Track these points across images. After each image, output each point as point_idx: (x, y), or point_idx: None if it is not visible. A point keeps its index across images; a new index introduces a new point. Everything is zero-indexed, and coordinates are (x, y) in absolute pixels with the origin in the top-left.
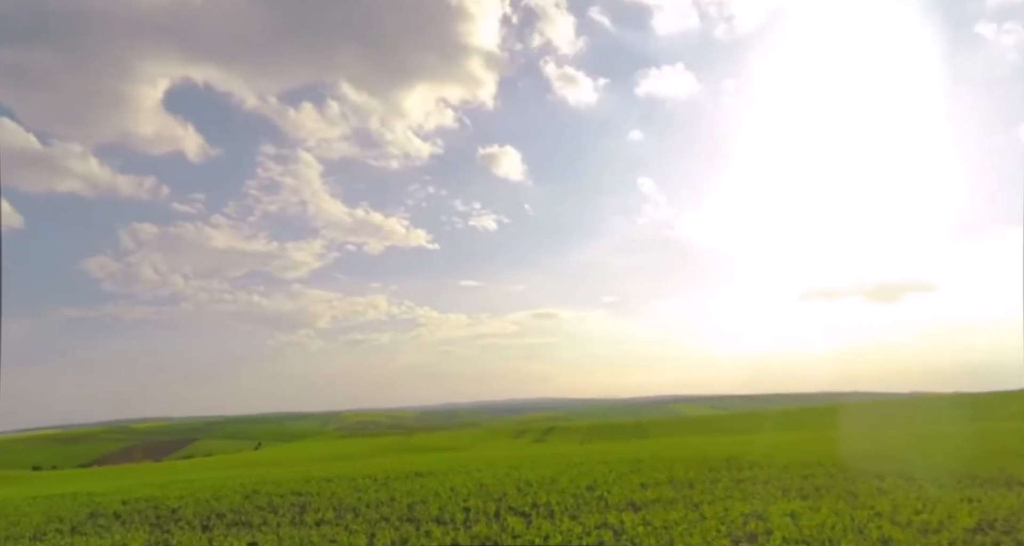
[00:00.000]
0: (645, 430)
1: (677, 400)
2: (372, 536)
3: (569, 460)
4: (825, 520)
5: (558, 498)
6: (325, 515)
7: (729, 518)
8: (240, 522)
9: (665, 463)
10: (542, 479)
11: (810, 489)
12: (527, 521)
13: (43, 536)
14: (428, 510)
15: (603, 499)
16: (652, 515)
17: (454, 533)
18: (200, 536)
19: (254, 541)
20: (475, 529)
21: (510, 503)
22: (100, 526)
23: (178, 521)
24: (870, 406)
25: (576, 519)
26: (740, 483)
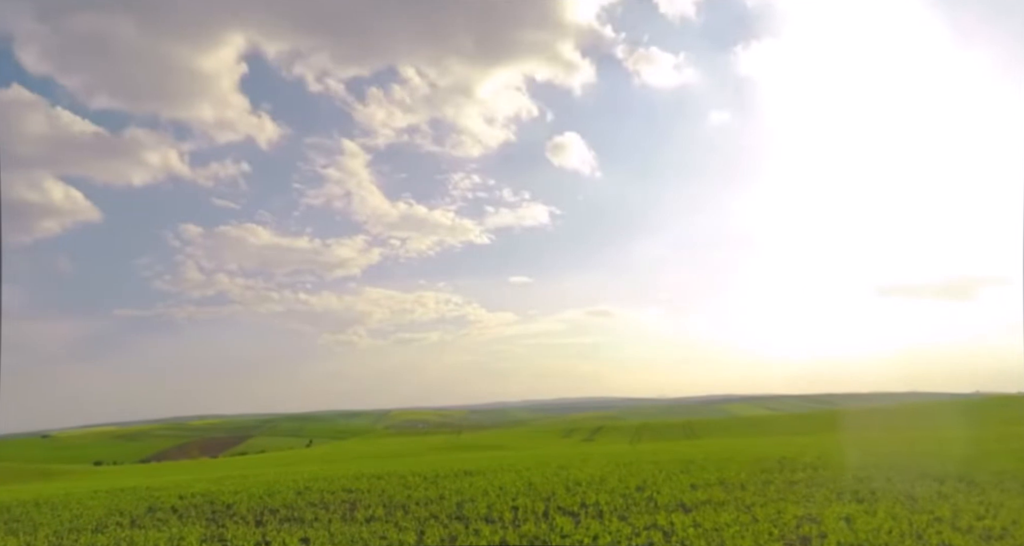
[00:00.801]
0: (696, 430)
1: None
2: (421, 533)
3: (618, 460)
4: (881, 525)
5: (607, 498)
6: (375, 512)
7: (782, 521)
8: (292, 518)
9: (716, 464)
10: (591, 479)
11: (866, 492)
12: (576, 521)
13: (104, 528)
14: (477, 508)
15: (653, 500)
16: (703, 517)
17: (503, 532)
18: (254, 531)
19: (306, 537)
20: (524, 528)
21: (559, 502)
22: (158, 520)
23: (233, 516)
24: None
25: (625, 520)
26: (793, 485)
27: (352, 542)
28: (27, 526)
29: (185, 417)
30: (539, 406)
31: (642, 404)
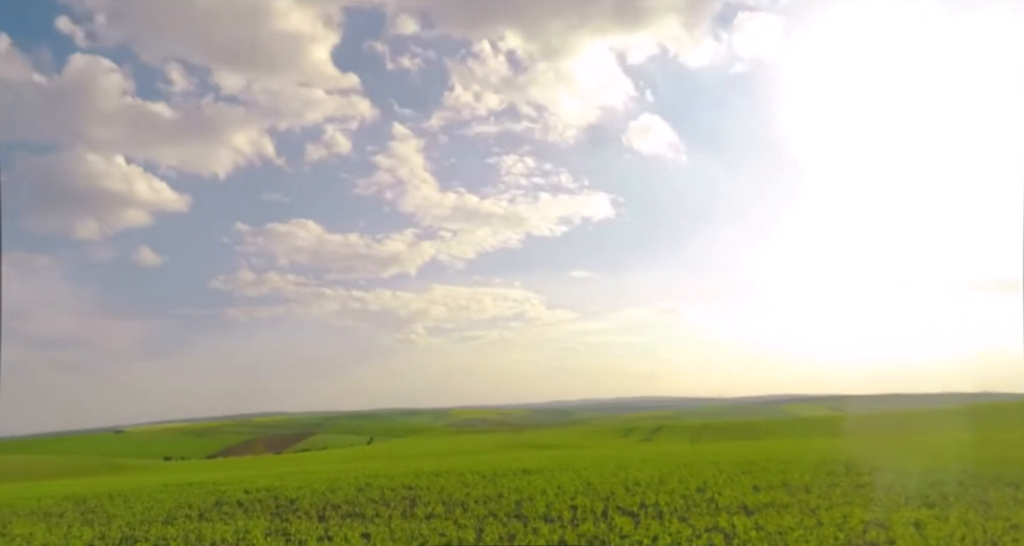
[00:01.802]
0: (757, 431)
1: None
2: (480, 531)
3: (678, 460)
4: (954, 531)
5: (667, 499)
6: (435, 509)
7: (848, 525)
8: (354, 513)
9: (779, 465)
10: (650, 479)
11: (937, 497)
12: (635, 521)
13: (174, 521)
14: (535, 507)
15: (714, 501)
16: (765, 519)
17: (561, 531)
18: (317, 525)
19: (367, 532)
20: (582, 528)
21: (618, 502)
22: (225, 513)
23: (296, 511)
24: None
25: (686, 521)
26: (860, 489)
27: (412, 538)
28: (101, 517)
29: (250, 414)
30: (598, 405)
31: (702, 404)
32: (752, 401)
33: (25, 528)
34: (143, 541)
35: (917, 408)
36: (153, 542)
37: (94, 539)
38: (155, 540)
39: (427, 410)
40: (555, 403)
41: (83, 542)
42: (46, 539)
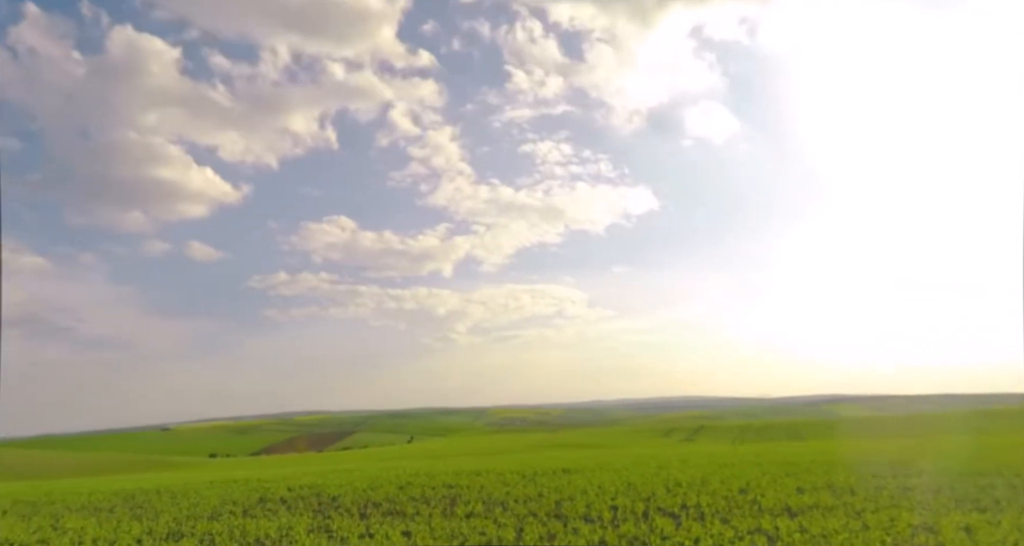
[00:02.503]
0: (801, 431)
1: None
2: (520, 530)
3: (720, 461)
4: (1006, 537)
5: (709, 500)
6: (475, 508)
7: (895, 529)
8: (395, 511)
9: (823, 467)
10: (692, 480)
11: (989, 501)
12: (676, 522)
13: (219, 516)
14: (576, 507)
15: (756, 503)
16: (809, 522)
17: (602, 531)
18: (358, 523)
19: (408, 530)
20: (623, 528)
21: (659, 503)
22: (268, 510)
23: (338, 508)
24: None
25: (728, 523)
26: (907, 491)
27: (452, 537)
28: (149, 512)
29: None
30: (637, 405)
31: (744, 404)
32: (794, 401)
33: (77, 522)
34: (189, 536)
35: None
36: (199, 537)
37: (142, 534)
38: (201, 535)
39: (466, 409)
40: (594, 402)
41: (132, 536)
42: (97, 533)
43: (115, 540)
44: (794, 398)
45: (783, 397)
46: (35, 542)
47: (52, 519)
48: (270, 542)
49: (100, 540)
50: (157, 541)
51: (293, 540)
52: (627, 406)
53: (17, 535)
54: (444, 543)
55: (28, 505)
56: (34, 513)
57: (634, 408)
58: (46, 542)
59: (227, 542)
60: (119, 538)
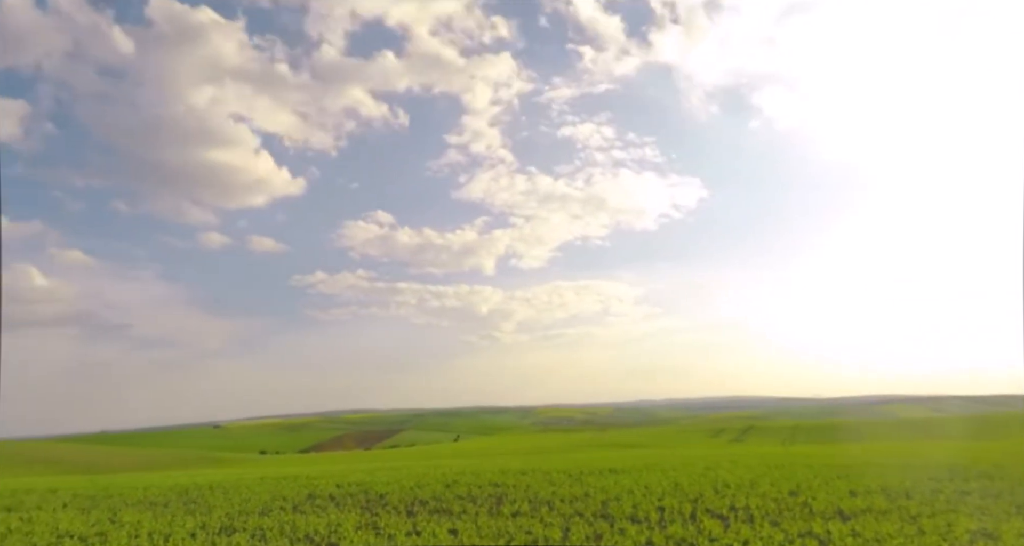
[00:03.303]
0: (853, 432)
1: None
2: (567, 530)
3: (770, 462)
4: None
5: (758, 502)
6: (521, 507)
7: (952, 535)
8: (441, 509)
9: (877, 469)
10: (741, 481)
11: None
12: (725, 524)
13: (270, 512)
14: (622, 507)
15: (807, 505)
16: (863, 526)
17: (648, 532)
18: (405, 520)
19: (454, 528)
20: (670, 530)
21: (707, 505)
22: (317, 506)
23: (385, 505)
24: None
25: (778, 525)
26: (965, 496)
27: (498, 535)
28: (203, 507)
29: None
30: (685, 404)
31: (794, 404)
32: (846, 402)
33: (133, 516)
34: (241, 531)
35: None
36: (251, 532)
37: (196, 528)
38: (252, 530)
39: (512, 408)
40: (641, 402)
41: (186, 530)
42: (153, 527)
43: (170, 534)
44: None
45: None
46: (94, 535)
47: (110, 513)
48: (319, 538)
49: (156, 534)
50: (210, 535)
51: (342, 536)
52: (675, 406)
53: (77, 528)
54: (490, 542)
55: (87, 499)
56: (93, 507)
57: (682, 408)
58: (104, 535)
59: (277, 537)
60: (174, 532)
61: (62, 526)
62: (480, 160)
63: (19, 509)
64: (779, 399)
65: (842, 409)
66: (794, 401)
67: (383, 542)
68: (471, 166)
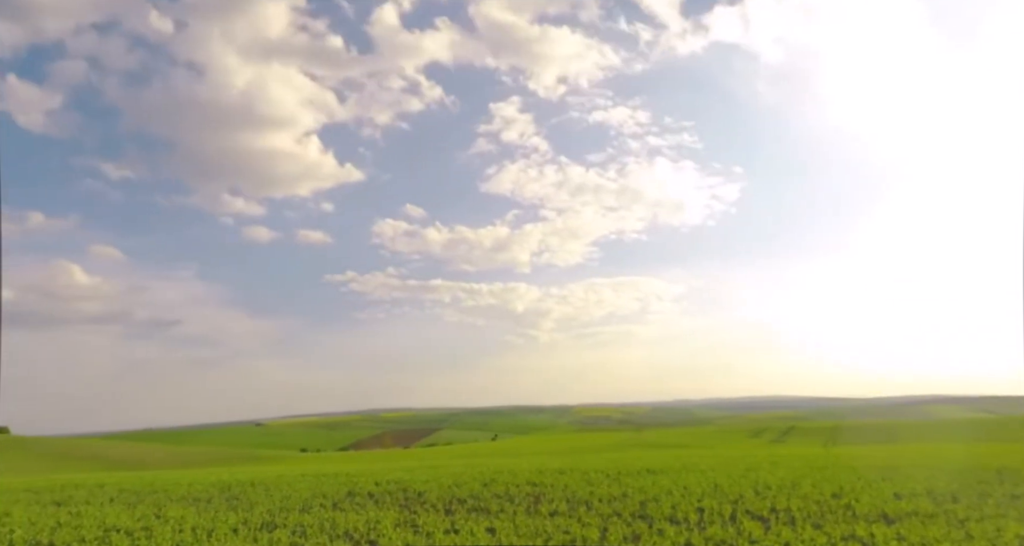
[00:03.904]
0: (898, 433)
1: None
2: (604, 530)
3: (811, 463)
4: None
5: (799, 504)
6: (559, 506)
7: (1002, 540)
8: (479, 508)
9: (923, 471)
10: (782, 483)
11: None
12: (765, 526)
13: (310, 509)
14: (661, 508)
15: (850, 508)
16: (908, 530)
17: (687, 533)
18: (443, 518)
19: (492, 527)
20: (709, 531)
21: (747, 506)
22: (356, 503)
23: (423, 503)
24: None
25: (820, 528)
26: (1016, 500)
27: (536, 535)
28: (245, 503)
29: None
30: (724, 404)
31: (836, 404)
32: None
33: (178, 511)
34: (282, 527)
35: None
36: (291, 529)
37: (238, 523)
38: (293, 526)
39: (549, 407)
40: (680, 402)
41: (228, 526)
42: (196, 522)
43: (213, 529)
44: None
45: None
46: (140, 529)
47: (155, 508)
48: (358, 535)
49: (199, 529)
50: (252, 531)
51: (380, 534)
52: (714, 405)
53: (124, 522)
54: (528, 541)
55: (133, 494)
56: (138, 502)
57: (722, 407)
58: (150, 529)
59: (317, 534)
60: (216, 527)
61: (109, 520)
62: (511, 150)
63: (68, 503)
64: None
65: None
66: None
67: (421, 540)
68: (500, 156)
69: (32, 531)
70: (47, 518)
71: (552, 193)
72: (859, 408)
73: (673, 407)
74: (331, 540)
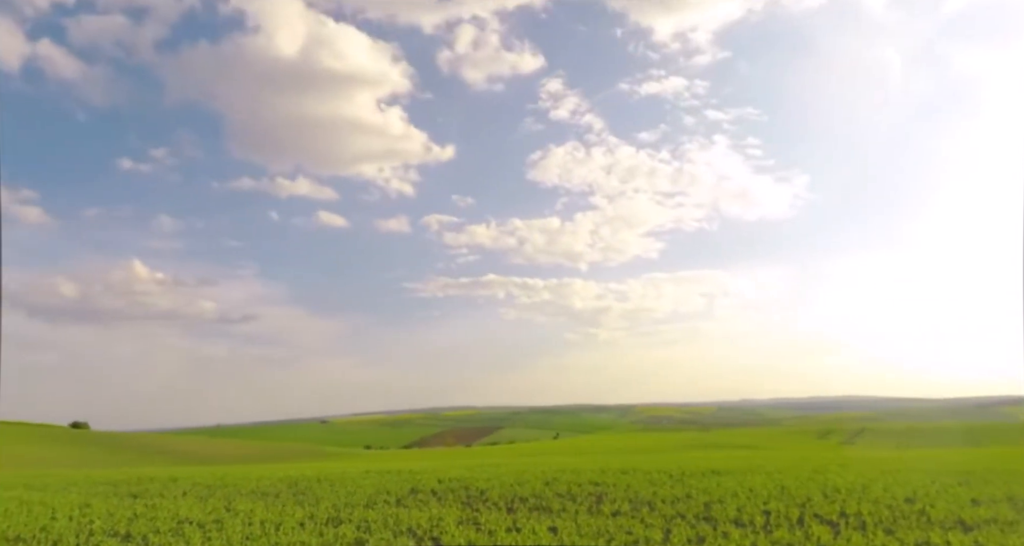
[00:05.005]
0: (976, 436)
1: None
2: (668, 532)
3: (883, 466)
4: None
5: (870, 508)
6: (621, 507)
7: None
8: (541, 507)
9: (1003, 476)
10: (852, 486)
11: None
12: (835, 531)
13: (374, 505)
14: (726, 510)
15: (925, 514)
16: (986, 538)
17: (753, 537)
18: (505, 517)
19: (554, 526)
20: (776, 534)
21: (815, 510)
22: (419, 501)
23: (485, 501)
24: None
25: (892, 534)
26: None
27: (599, 535)
28: (311, 498)
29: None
30: (792, 404)
31: (909, 404)
32: (966, 402)
33: (247, 505)
34: (347, 522)
35: None
36: (356, 524)
37: (305, 518)
38: (357, 522)
39: (611, 406)
40: (745, 401)
41: (296, 520)
42: (264, 516)
43: (280, 523)
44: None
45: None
46: (211, 522)
47: (225, 501)
48: (421, 532)
49: (267, 522)
50: (318, 526)
51: (443, 531)
52: (781, 405)
53: (196, 514)
54: (590, 541)
55: (204, 488)
56: (210, 495)
57: (789, 408)
58: (221, 522)
59: (381, 530)
60: (284, 521)
61: (182, 512)
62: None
63: (143, 496)
64: (892, 399)
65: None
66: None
67: (484, 538)
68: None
69: (110, 522)
70: (124, 509)
71: (602, 178)
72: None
73: (739, 407)
74: (395, 536)
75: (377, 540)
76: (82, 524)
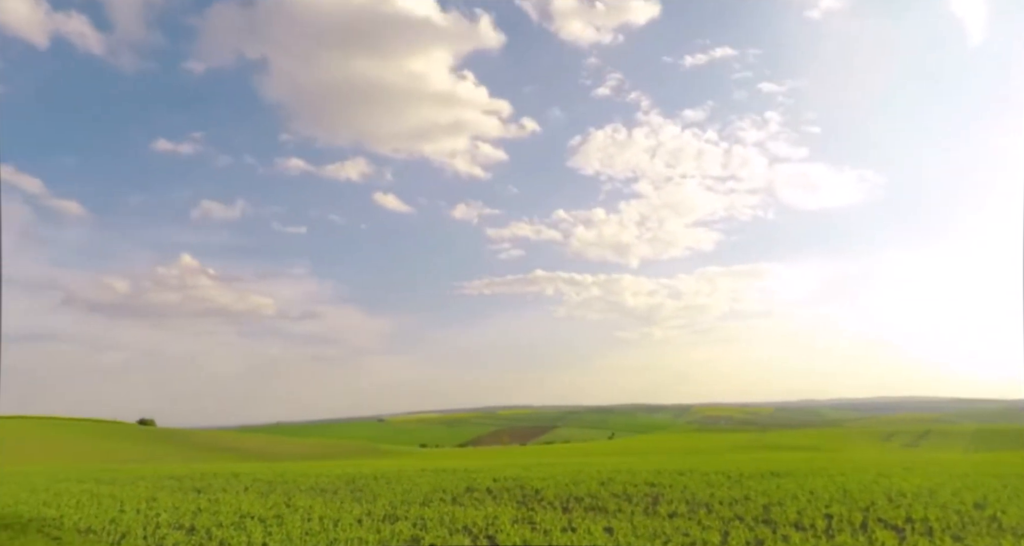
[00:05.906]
0: None
1: None
2: (726, 534)
3: (950, 470)
4: None
5: (937, 513)
6: (678, 508)
7: None
8: (596, 507)
9: None
10: (917, 490)
11: None
12: (900, 536)
13: (430, 503)
14: (785, 513)
15: (996, 520)
16: None
17: (815, 541)
18: (561, 516)
19: (610, 526)
20: (838, 539)
21: (879, 514)
22: (475, 499)
23: (541, 500)
24: None
25: (960, 540)
26: None
27: (655, 536)
28: (368, 495)
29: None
30: (853, 405)
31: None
32: None
33: (306, 501)
34: (403, 519)
35: None
36: (412, 521)
37: (362, 515)
38: (414, 519)
39: (668, 406)
40: (806, 402)
41: (353, 516)
42: (323, 512)
43: (339, 519)
44: None
45: None
46: (272, 517)
47: (285, 497)
48: (477, 530)
49: (326, 518)
50: (375, 522)
51: (498, 529)
52: (843, 406)
53: (257, 510)
54: (646, 542)
55: (265, 484)
56: (270, 491)
57: (851, 408)
58: (281, 518)
59: (437, 527)
60: (342, 518)
61: (244, 507)
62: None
63: (207, 491)
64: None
65: None
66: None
67: (539, 537)
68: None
69: (176, 515)
70: (189, 503)
71: (646, 161)
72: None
73: (799, 407)
74: (450, 534)
75: (433, 537)
76: (149, 517)
